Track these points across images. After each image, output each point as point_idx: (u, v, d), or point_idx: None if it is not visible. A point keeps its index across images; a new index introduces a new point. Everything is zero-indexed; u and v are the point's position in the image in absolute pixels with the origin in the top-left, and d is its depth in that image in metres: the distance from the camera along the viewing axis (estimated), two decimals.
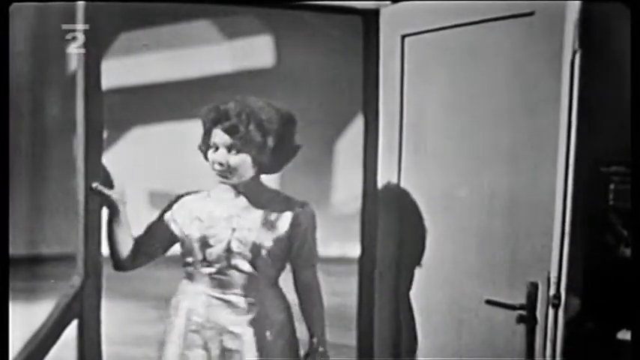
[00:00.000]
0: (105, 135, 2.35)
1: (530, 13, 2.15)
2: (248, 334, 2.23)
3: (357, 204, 2.81)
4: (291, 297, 2.38)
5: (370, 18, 2.66)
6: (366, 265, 2.73)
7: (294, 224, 2.25)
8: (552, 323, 2.13)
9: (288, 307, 2.32)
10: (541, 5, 2.11)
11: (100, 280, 2.37)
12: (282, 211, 2.26)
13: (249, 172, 2.24)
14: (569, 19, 2.06)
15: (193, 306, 2.29)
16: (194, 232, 2.28)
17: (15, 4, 2.11)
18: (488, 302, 2.27)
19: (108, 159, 2.34)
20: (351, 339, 2.89)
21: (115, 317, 2.63)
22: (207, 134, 2.25)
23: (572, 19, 2.06)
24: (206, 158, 2.28)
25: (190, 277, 2.32)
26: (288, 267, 2.36)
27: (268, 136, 2.20)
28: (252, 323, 2.24)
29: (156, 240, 2.35)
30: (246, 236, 2.22)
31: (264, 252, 2.23)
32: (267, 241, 2.23)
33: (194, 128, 2.43)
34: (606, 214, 2.93)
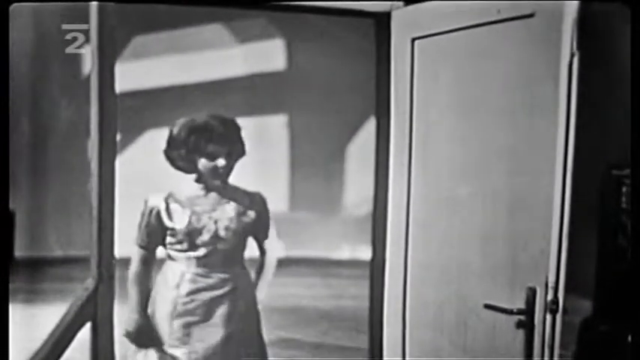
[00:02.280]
0: (118, 138, 2.36)
1: (531, 15, 2.15)
2: (227, 302, 2.62)
3: (368, 207, 2.81)
4: None
5: (382, 21, 2.64)
6: (377, 267, 2.72)
7: (257, 210, 2.69)
8: (550, 328, 2.12)
9: (249, 275, 2.74)
10: (541, 6, 2.10)
11: (113, 283, 2.38)
12: (247, 201, 2.67)
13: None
14: (566, 20, 2.05)
15: (180, 281, 2.59)
16: (186, 226, 2.57)
17: (15, 4, 2.12)
18: (487, 307, 2.26)
19: (121, 162, 2.36)
20: (362, 342, 2.89)
21: None
22: (193, 150, 2.53)
23: (570, 20, 2.05)
24: (182, 168, 2.59)
25: (177, 259, 2.61)
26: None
27: (243, 143, 2.61)
28: (230, 293, 2.62)
29: (159, 239, 2.60)
30: (228, 225, 2.60)
31: (241, 234, 2.65)
32: (242, 226, 2.64)
33: None
34: (619, 216, 2.92)
